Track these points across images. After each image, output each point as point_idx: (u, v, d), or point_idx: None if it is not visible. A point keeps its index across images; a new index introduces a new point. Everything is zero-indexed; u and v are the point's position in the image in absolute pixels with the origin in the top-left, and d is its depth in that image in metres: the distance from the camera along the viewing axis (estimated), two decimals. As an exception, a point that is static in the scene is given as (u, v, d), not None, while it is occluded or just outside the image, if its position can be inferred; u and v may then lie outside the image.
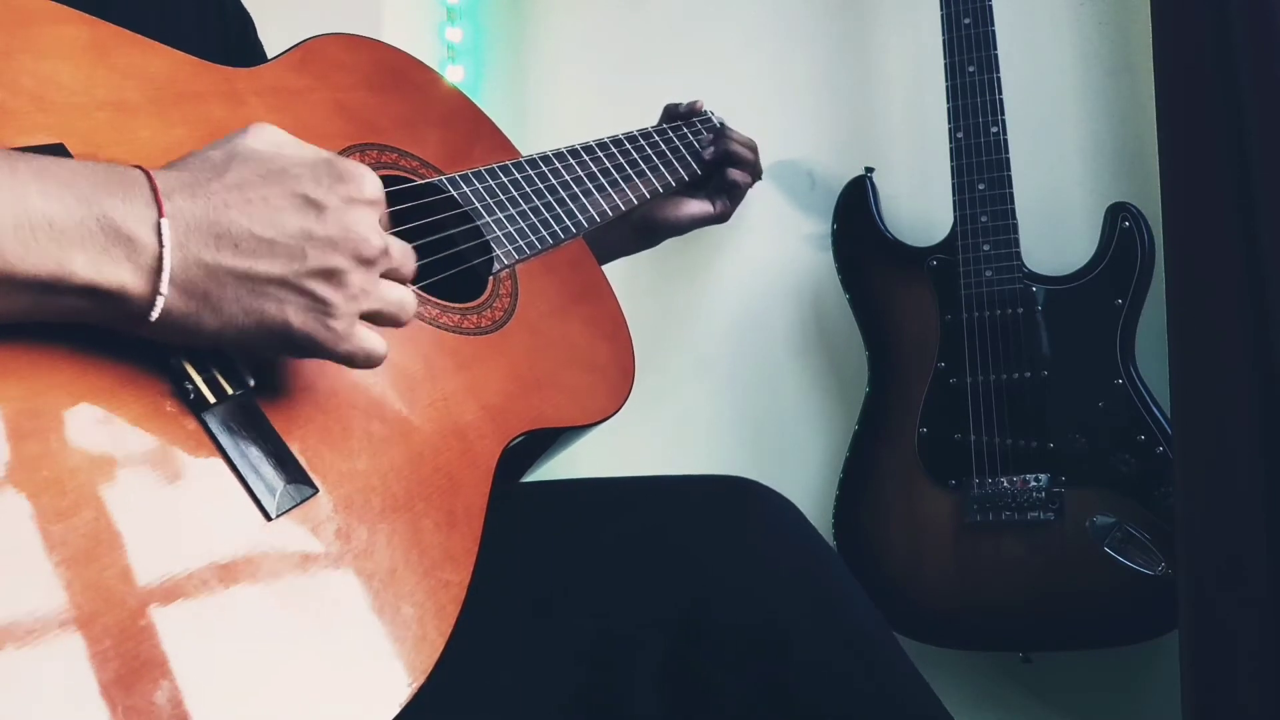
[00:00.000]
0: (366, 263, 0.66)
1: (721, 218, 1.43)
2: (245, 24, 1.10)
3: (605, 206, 1.16)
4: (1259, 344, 1.12)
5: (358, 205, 0.66)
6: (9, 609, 0.52)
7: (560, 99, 1.85)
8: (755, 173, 1.46)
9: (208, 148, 0.66)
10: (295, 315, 0.63)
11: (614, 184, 1.19)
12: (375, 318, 0.69)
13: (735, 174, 1.40)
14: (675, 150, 1.34)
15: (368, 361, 0.68)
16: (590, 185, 1.15)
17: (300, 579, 0.63)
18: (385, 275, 0.69)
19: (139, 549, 0.57)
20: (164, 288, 0.58)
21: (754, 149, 1.44)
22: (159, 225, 0.58)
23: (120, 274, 0.57)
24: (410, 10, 1.80)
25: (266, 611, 0.61)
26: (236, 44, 1.07)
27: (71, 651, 0.53)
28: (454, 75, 1.82)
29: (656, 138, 1.33)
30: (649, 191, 1.25)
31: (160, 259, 0.58)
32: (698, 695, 0.83)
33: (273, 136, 0.67)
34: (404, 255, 0.72)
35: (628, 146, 1.26)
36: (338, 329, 0.65)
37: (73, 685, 0.52)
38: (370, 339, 0.68)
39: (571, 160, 1.15)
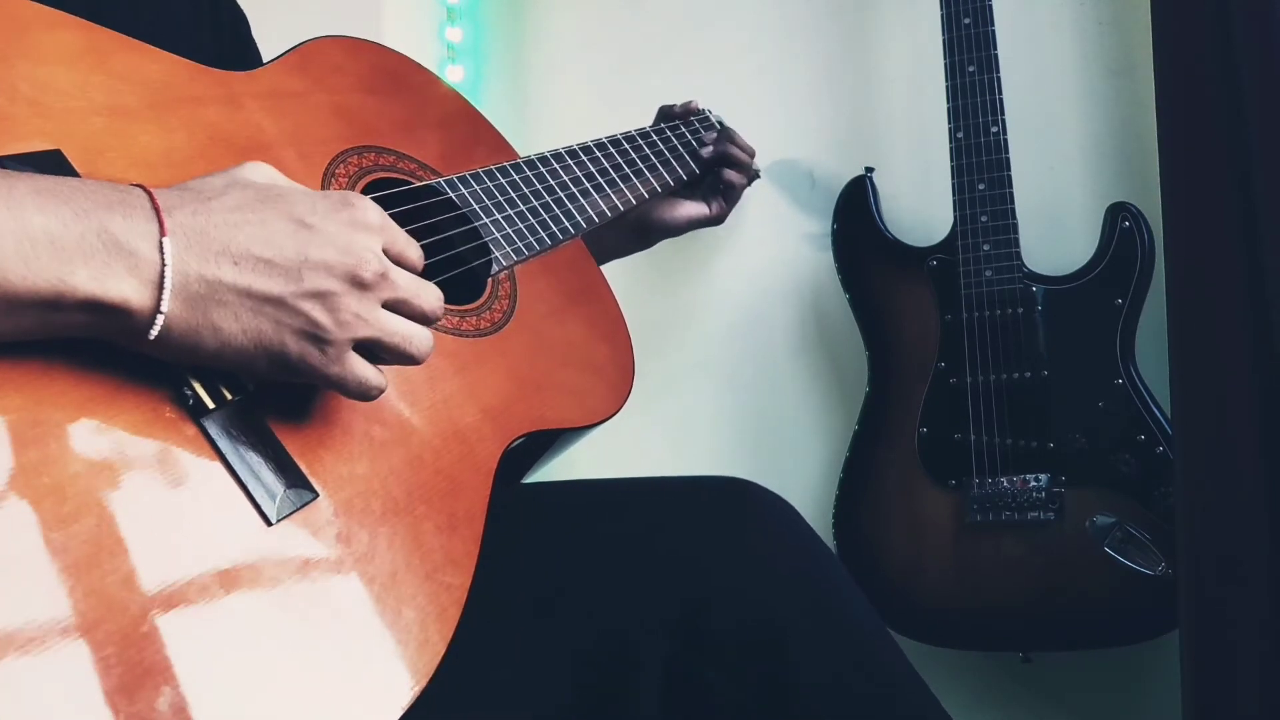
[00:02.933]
0: (362, 286, 0.66)
1: (717, 220, 1.43)
2: (239, 21, 1.10)
3: (604, 207, 1.16)
4: (1259, 344, 1.12)
5: (356, 229, 0.66)
6: (11, 616, 0.52)
7: (560, 99, 1.85)
8: (750, 175, 1.46)
9: (206, 175, 0.66)
10: (291, 338, 0.63)
11: (612, 184, 1.19)
12: (375, 347, 0.68)
13: (730, 175, 1.41)
14: (673, 150, 1.35)
15: (360, 389, 0.68)
16: (588, 185, 1.15)
17: (301, 584, 0.63)
18: (399, 309, 0.69)
19: (140, 555, 0.57)
20: (165, 304, 0.58)
21: (752, 155, 1.45)
22: (160, 241, 0.58)
23: (122, 288, 0.57)
24: (410, 10, 1.80)
25: (268, 617, 0.61)
26: (230, 41, 1.07)
27: (75, 659, 0.53)
28: (454, 75, 1.82)
29: (655, 137, 1.33)
30: (647, 191, 1.25)
31: (162, 274, 0.58)
32: (697, 696, 0.83)
33: (269, 171, 0.68)
34: (418, 287, 0.70)
35: (625, 147, 1.26)
36: (330, 353, 0.65)
37: (77, 693, 0.52)
38: (363, 368, 0.67)
39: (569, 161, 1.16)
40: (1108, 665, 1.43)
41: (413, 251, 0.71)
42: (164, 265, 0.58)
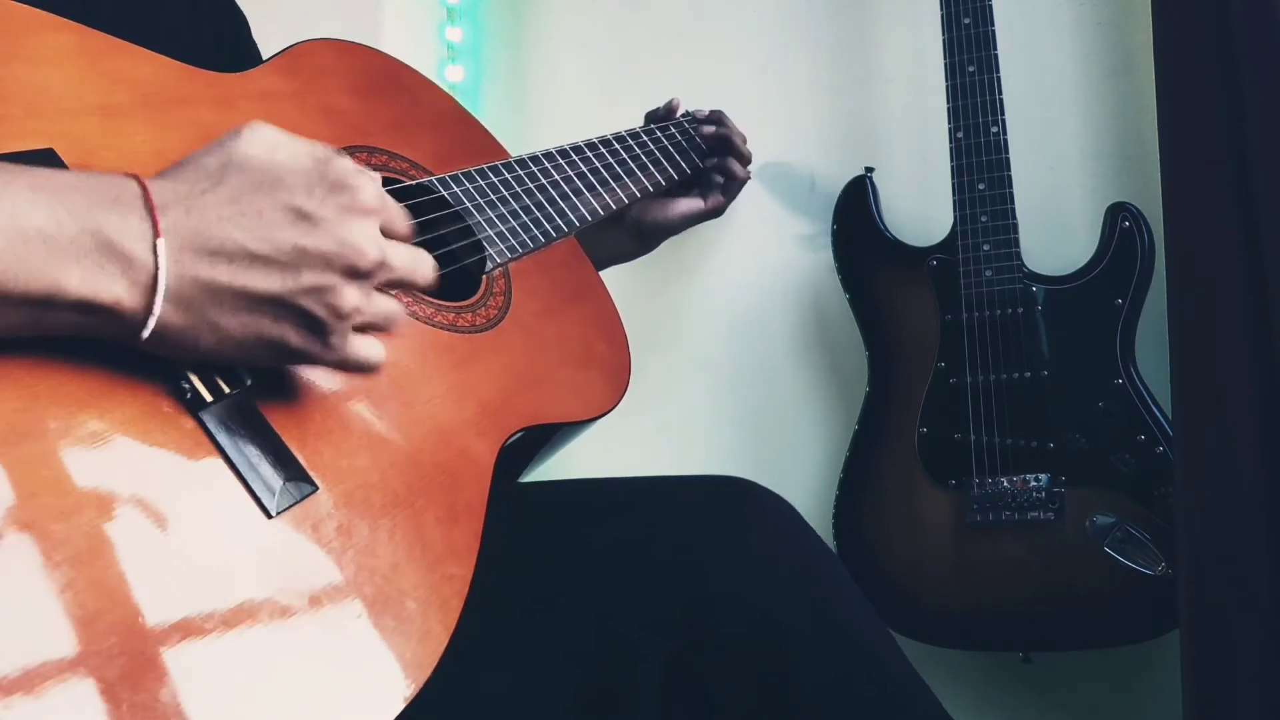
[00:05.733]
0: (361, 276, 0.66)
1: (713, 212, 1.44)
2: (239, 24, 1.10)
3: (595, 205, 1.16)
4: (1259, 344, 1.12)
5: (354, 215, 0.66)
6: (13, 608, 0.52)
7: (560, 99, 1.85)
8: (746, 159, 1.47)
9: (202, 152, 0.65)
10: (293, 333, 0.64)
11: (604, 183, 1.20)
12: (370, 328, 0.70)
13: (733, 164, 1.42)
14: (663, 149, 1.35)
15: (361, 370, 0.70)
16: (580, 185, 1.16)
17: (302, 576, 0.64)
18: (393, 283, 0.70)
19: (141, 548, 0.57)
20: (157, 306, 0.58)
21: (743, 140, 1.46)
22: (155, 244, 0.58)
23: (115, 289, 0.57)
24: (410, 10, 1.80)
25: (269, 609, 0.61)
26: (230, 43, 1.07)
27: (77, 649, 0.53)
28: (454, 75, 1.82)
29: (645, 137, 1.34)
30: (639, 190, 1.26)
31: (155, 277, 0.58)
32: (697, 696, 0.83)
33: (267, 137, 0.65)
34: (412, 263, 0.71)
35: (616, 147, 1.27)
36: (333, 344, 0.66)
37: (80, 683, 0.52)
38: (365, 347, 0.69)
39: (561, 160, 1.16)
40: (1108, 665, 1.43)
41: (402, 223, 0.71)
42: (157, 268, 0.58)
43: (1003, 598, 1.35)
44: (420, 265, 0.72)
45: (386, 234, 0.69)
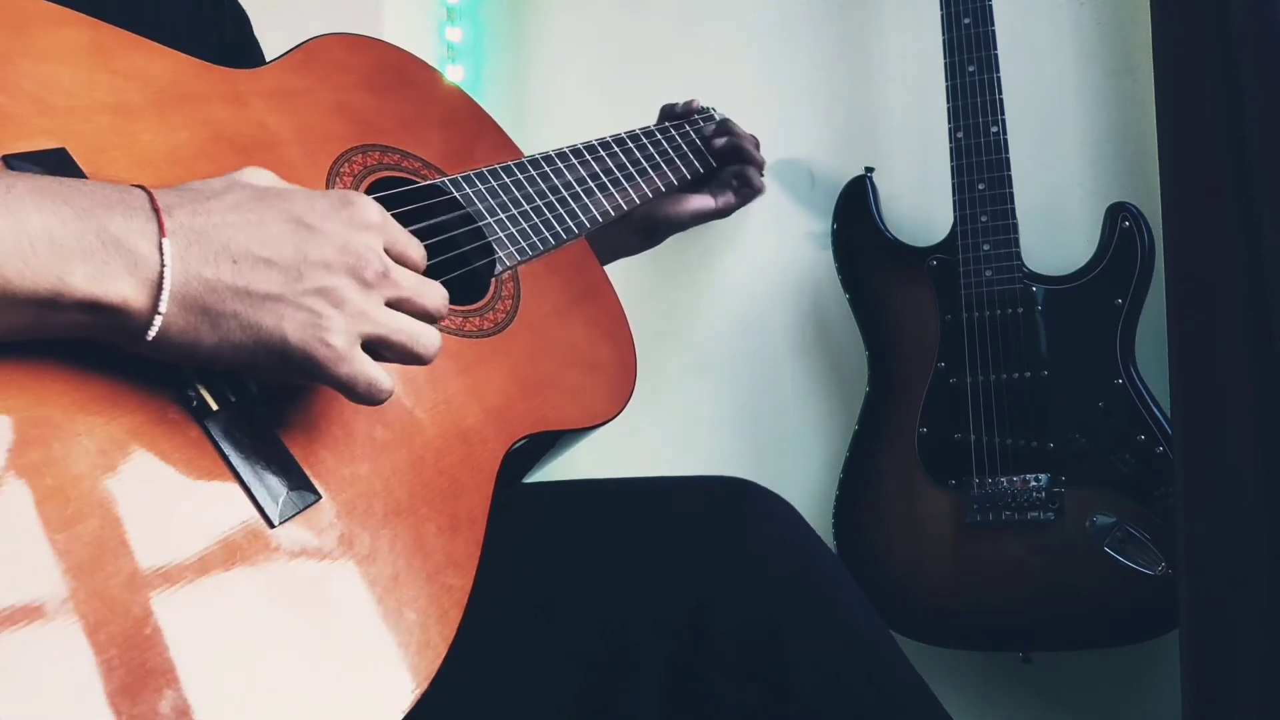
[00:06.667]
0: (365, 283, 0.65)
1: (722, 212, 1.43)
2: (242, 21, 1.10)
3: (608, 206, 1.15)
4: (1259, 344, 1.12)
5: (356, 228, 0.66)
6: (14, 618, 0.52)
7: (560, 99, 1.84)
8: (761, 166, 1.46)
9: (206, 180, 0.66)
10: (292, 331, 0.62)
11: (616, 183, 1.19)
12: (382, 346, 0.67)
13: (747, 170, 1.41)
14: (677, 148, 1.34)
15: (369, 391, 0.66)
16: (593, 185, 1.15)
17: (304, 586, 0.63)
18: (402, 308, 0.68)
19: (143, 558, 0.57)
20: (163, 305, 0.58)
21: (756, 144, 1.45)
22: (160, 241, 0.58)
23: (121, 288, 0.57)
24: (410, 10, 1.80)
25: (271, 619, 0.61)
26: (233, 40, 1.07)
27: (77, 660, 0.53)
28: (454, 75, 1.82)
29: (659, 136, 1.33)
30: (651, 190, 1.25)
31: (161, 275, 0.58)
32: (698, 697, 0.83)
33: (268, 176, 0.68)
34: (421, 285, 0.69)
35: (630, 145, 1.26)
36: (337, 347, 0.64)
37: (79, 694, 0.52)
38: (373, 368, 0.66)
39: (574, 160, 1.15)
40: (1108, 665, 1.44)
41: (414, 250, 0.71)
42: (163, 266, 0.58)
43: (1003, 598, 1.35)
44: (429, 292, 0.70)
45: (397, 258, 0.69)
